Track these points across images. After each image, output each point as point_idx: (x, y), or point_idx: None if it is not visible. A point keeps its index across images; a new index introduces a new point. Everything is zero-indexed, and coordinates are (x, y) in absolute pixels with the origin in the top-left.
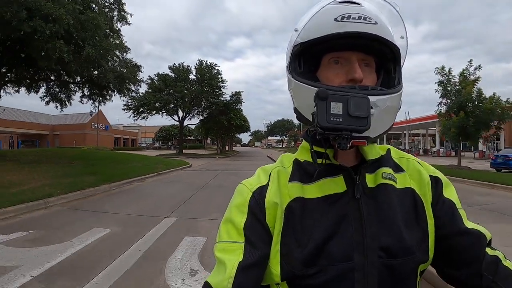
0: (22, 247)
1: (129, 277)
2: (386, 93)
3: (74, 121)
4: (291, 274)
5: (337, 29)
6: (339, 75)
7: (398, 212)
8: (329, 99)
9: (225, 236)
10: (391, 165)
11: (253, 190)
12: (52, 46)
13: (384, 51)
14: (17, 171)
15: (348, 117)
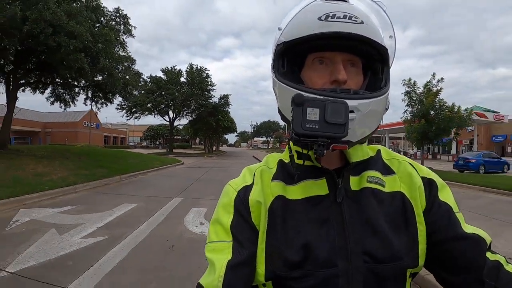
0: (76, 214)
1: (162, 226)
2: (369, 97)
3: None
4: (274, 275)
5: (320, 29)
6: (323, 76)
7: (384, 217)
8: (306, 104)
9: (214, 236)
10: (379, 167)
11: (238, 190)
12: (74, 58)
13: (371, 51)
14: (39, 164)
15: (325, 124)
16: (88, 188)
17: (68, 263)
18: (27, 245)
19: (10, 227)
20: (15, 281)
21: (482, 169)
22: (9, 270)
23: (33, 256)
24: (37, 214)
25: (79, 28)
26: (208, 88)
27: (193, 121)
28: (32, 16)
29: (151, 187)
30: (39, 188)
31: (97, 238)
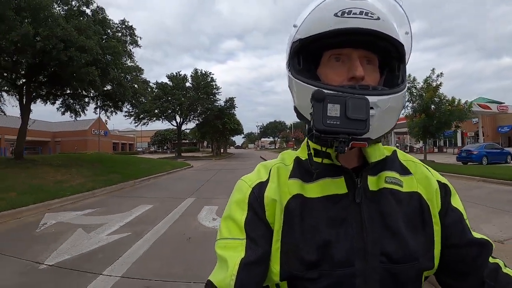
0: (99, 215)
1: (178, 222)
2: (388, 93)
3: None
4: (290, 274)
5: (337, 25)
6: (340, 73)
7: (401, 217)
8: (326, 100)
9: (226, 233)
10: (397, 167)
11: (252, 186)
12: (85, 71)
13: (387, 48)
14: (58, 172)
15: (346, 120)
16: (106, 193)
17: (99, 255)
18: (59, 243)
19: (40, 229)
20: (55, 272)
21: (485, 161)
22: (48, 263)
23: (66, 252)
24: (62, 217)
25: (89, 42)
26: (213, 91)
27: (200, 125)
28: (44, 33)
29: (164, 189)
30: (60, 194)
31: (121, 234)
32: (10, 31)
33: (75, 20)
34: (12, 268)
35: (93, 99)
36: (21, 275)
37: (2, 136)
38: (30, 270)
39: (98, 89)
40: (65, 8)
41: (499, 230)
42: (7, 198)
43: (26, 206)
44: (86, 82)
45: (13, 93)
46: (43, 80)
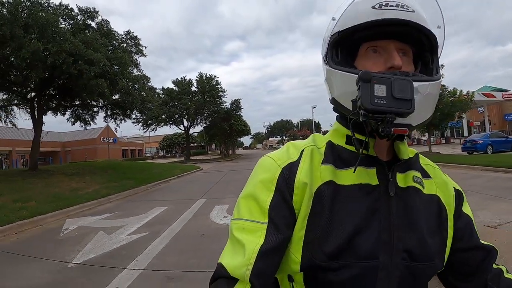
0: (117, 219)
1: (192, 221)
2: (427, 80)
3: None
4: (312, 264)
5: (375, 16)
6: (378, 64)
7: (423, 217)
8: (373, 81)
9: (246, 213)
10: (418, 169)
11: (282, 166)
12: (95, 83)
13: (422, 40)
14: (72, 181)
15: (393, 99)
16: (120, 198)
17: (122, 253)
18: (83, 244)
19: (63, 234)
20: (84, 269)
21: (490, 150)
22: (76, 262)
23: (91, 251)
24: (83, 222)
25: (97, 55)
26: (219, 94)
27: (207, 128)
28: (53, 48)
29: (176, 192)
30: (77, 201)
31: (140, 234)
32: (20, 48)
33: (81, 34)
34: (44, 268)
35: (102, 108)
36: (54, 274)
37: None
38: (61, 269)
39: (108, 99)
40: (70, 23)
41: (494, 216)
42: (28, 207)
43: (46, 214)
44: (96, 94)
45: (24, 107)
46: (53, 93)
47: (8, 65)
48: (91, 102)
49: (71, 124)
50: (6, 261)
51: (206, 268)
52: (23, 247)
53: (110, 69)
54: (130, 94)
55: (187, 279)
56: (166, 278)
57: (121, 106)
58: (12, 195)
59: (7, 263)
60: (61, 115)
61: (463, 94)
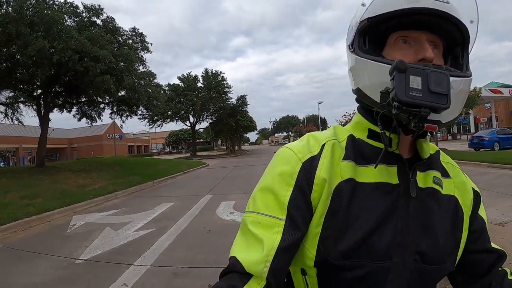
0: (123, 215)
1: (199, 217)
2: (461, 75)
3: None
4: (326, 261)
5: (409, 3)
6: (408, 55)
7: (439, 219)
8: (408, 72)
9: (263, 207)
10: (439, 168)
11: (303, 160)
12: (101, 79)
13: (454, 33)
14: (79, 177)
15: (429, 93)
16: (127, 194)
17: (129, 249)
18: (91, 240)
19: (70, 230)
20: (91, 265)
21: (497, 146)
22: (83, 258)
23: (98, 247)
24: (89, 218)
25: (103, 52)
26: (225, 90)
27: (213, 124)
28: (59, 46)
29: (183, 188)
30: (84, 197)
31: (147, 230)
32: (26, 46)
33: (87, 31)
34: (51, 264)
35: (108, 105)
36: (61, 270)
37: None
38: (68, 265)
39: (114, 96)
40: (76, 20)
41: (501, 213)
42: (35, 204)
43: (53, 210)
44: (102, 90)
45: (30, 104)
46: (59, 90)
47: (14, 63)
48: (97, 99)
49: (77, 120)
50: (13, 257)
51: (213, 264)
52: (30, 244)
53: (116, 66)
54: (136, 90)
55: (194, 275)
56: (173, 274)
57: (127, 102)
58: (19, 192)
59: (15, 259)
60: (67, 112)
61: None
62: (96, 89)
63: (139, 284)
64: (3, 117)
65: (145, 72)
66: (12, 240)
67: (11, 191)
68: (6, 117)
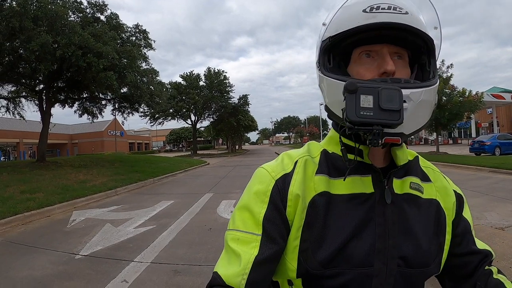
0: (124, 211)
1: (199, 215)
2: (420, 86)
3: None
4: (307, 272)
5: (366, 20)
6: (370, 69)
7: (420, 223)
8: (359, 91)
9: (241, 225)
10: (418, 173)
11: (276, 178)
12: (103, 76)
13: (417, 42)
14: (80, 173)
15: (380, 111)
16: (127, 191)
17: (129, 245)
18: (91, 236)
19: (70, 225)
20: (91, 261)
21: (498, 151)
22: (83, 254)
23: (99, 243)
24: (89, 213)
25: (106, 48)
26: (226, 89)
27: (214, 123)
28: (62, 41)
29: (183, 186)
30: (85, 193)
31: (147, 227)
32: (30, 41)
33: (90, 27)
34: (51, 259)
35: (110, 101)
36: (60, 265)
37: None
38: (68, 260)
39: (116, 92)
40: (80, 16)
41: (501, 218)
42: (35, 198)
43: (53, 205)
44: (104, 86)
45: (32, 99)
46: (61, 86)
47: (17, 57)
48: (99, 95)
49: (78, 116)
50: (13, 251)
51: (213, 262)
52: (30, 238)
53: (118, 62)
54: (138, 87)
55: (194, 272)
56: (173, 271)
57: (129, 99)
58: (20, 186)
59: (14, 253)
60: (69, 107)
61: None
62: (99, 85)
63: (139, 281)
64: (5, 111)
65: (147, 69)
66: (11, 234)
67: (12, 185)
68: (7, 111)
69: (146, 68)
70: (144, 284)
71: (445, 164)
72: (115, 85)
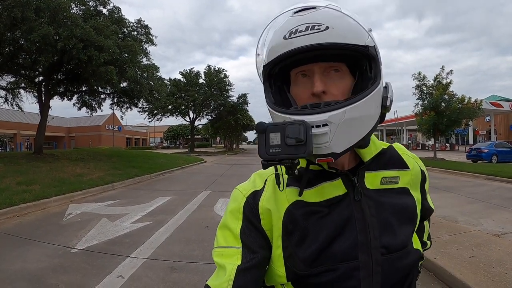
0: (120, 206)
1: (196, 212)
2: (341, 107)
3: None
4: (296, 274)
5: (284, 48)
6: (305, 89)
7: (394, 211)
8: (268, 131)
9: (222, 241)
10: (395, 162)
11: (246, 196)
12: (103, 70)
13: (347, 53)
14: (77, 166)
15: (286, 146)
16: (124, 186)
17: (126, 240)
18: (87, 230)
19: (66, 218)
20: (86, 255)
21: (495, 159)
22: (78, 248)
23: (94, 238)
24: (86, 207)
25: (107, 42)
26: (226, 88)
27: (213, 121)
28: (64, 33)
29: (180, 183)
30: (81, 186)
31: (144, 223)
32: (31, 31)
33: (92, 20)
34: (46, 252)
35: (109, 95)
36: (56, 258)
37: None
38: (63, 254)
39: (116, 86)
40: (82, 8)
41: (497, 225)
42: (32, 191)
43: (50, 198)
44: (104, 80)
45: (31, 90)
46: (61, 78)
47: (17, 47)
48: (98, 89)
49: (77, 109)
50: (7, 243)
51: (210, 259)
52: (25, 230)
53: (119, 57)
54: (138, 82)
55: (191, 269)
56: (170, 268)
57: (128, 94)
58: (16, 178)
59: (9, 245)
60: (67, 100)
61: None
62: (99, 79)
63: (136, 277)
64: (3, 102)
65: (148, 64)
66: (6, 225)
67: (8, 176)
68: (6, 102)
69: (146, 63)
70: (140, 280)
71: (442, 170)
72: (115, 79)
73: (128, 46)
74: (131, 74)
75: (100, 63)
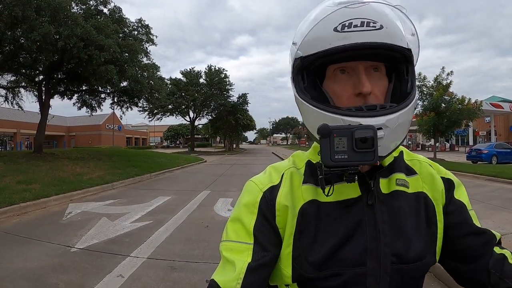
0: (120, 205)
1: (196, 212)
2: (396, 110)
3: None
4: (302, 276)
5: (338, 41)
6: (346, 88)
7: (410, 218)
8: (333, 135)
9: (233, 235)
10: (403, 168)
11: (263, 190)
12: (104, 69)
13: (394, 55)
14: (76, 166)
15: (354, 153)
16: (124, 185)
17: (126, 240)
18: (87, 230)
19: (66, 217)
20: (86, 254)
21: (495, 160)
22: (78, 247)
23: (94, 237)
24: (86, 206)
25: (108, 41)
26: (226, 88)
27: (213, 120)
28: (64, 32)
29: (180, 182)
30: (81, 186)
31: (144, 222)
32: (32, 30)
33: (93, 19)
34: (46, 251)
35: (110, 95)
36: (56, 257)
37: (18, 131)
38: (63, 253)
39: (116, 86)
40: (83, 8)
41: (497, 226)
42: (31, 190)
43: (50, 197)
44: (104, 80)
45: (31, 89)
46: (61, 77)
47: (18, 46)
48: (98, 88)
49: (77, 109)
50: (7, 242)
51: (210, 259)
52: (25, 229)
53: (120, 56)
54: (138, 82)
55: (191, 269)
56: (170, 267)
57: (128, 93)
58: (16, 177)
59: (8, 244)
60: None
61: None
62: (99, 78)
63: (136, 276)
64: (3, 101)
65: (148, 64)
66: (6, 224)
67: (8, 175)
68: (6, 101)
69: (147, 63)
70: (140, 279)
71: None
72: (115, 78)
73: (129, 46)
74: (132, 74)
75: (101, 62)
